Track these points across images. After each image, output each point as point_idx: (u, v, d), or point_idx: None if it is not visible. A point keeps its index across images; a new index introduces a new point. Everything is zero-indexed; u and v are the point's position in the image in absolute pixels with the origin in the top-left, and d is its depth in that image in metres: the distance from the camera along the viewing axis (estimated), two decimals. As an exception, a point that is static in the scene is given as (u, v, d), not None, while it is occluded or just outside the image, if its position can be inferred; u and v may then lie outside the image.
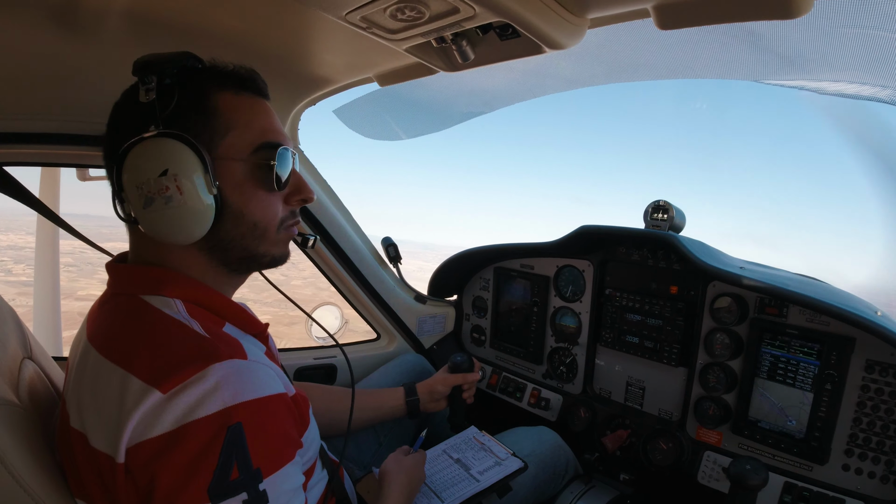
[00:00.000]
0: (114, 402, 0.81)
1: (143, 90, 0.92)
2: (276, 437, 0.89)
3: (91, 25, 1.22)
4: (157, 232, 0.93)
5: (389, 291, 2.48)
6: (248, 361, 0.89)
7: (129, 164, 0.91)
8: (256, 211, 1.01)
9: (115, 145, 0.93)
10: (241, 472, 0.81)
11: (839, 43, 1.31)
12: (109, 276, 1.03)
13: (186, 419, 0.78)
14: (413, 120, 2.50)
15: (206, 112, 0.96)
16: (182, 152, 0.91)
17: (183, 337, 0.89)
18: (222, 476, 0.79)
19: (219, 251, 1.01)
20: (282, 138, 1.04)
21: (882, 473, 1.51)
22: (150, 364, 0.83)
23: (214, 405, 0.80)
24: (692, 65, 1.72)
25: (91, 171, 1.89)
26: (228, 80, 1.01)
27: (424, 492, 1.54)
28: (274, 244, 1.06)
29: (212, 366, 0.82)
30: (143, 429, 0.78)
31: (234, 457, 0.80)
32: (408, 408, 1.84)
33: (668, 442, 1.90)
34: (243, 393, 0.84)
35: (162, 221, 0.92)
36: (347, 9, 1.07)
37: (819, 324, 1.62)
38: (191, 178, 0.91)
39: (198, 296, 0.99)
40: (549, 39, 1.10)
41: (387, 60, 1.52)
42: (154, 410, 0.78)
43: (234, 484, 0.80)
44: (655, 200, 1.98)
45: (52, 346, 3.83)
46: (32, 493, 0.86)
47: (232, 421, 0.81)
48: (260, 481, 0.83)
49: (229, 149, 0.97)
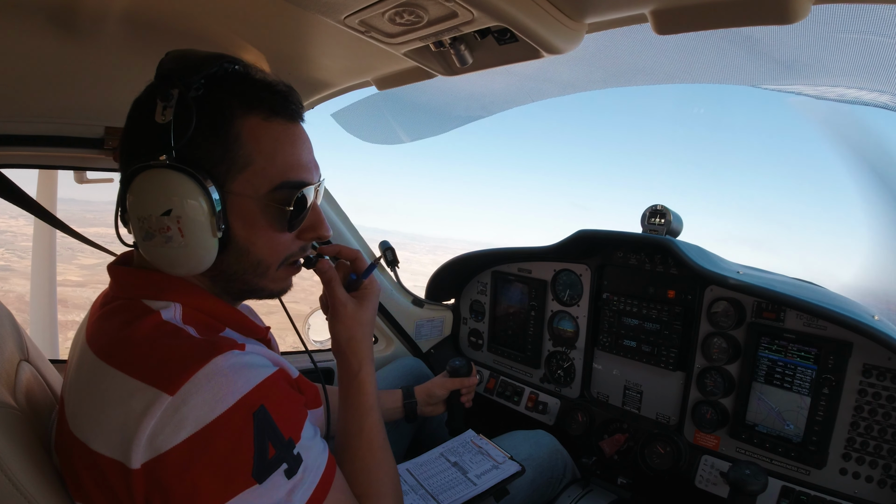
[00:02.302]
0: (116, 406, 0.80)
1: (160, 107, 0.85)
2: (291, 405, 0.91)
3: (89, 29, 1.22)
4: (156, 263, 0.91)
5: (387, 295, 2.48)
6: (246, 351, 0.88)
7: (135, 191, 0.86)
8: (263, 249, 0.97)
9: (125, 158, 0.90)
10: (277, 448, 0.83)
11: (836, 48, 1.31)
12: (111, 279, 1.02)
13: (208, 418, 0.78)
14: (411, 123, 2.50)
15: (226, 140, 0.90)
16: (191, 192, 0.86)
17: (179, 340, 0.87)
18: (261, 458, 0.81)
19: (220, 280, 1.00)
20: (306, 175, 0.99)
21: (879, 477, 1.51)
22: (151, 367, 0.82)
23: (231, 397, 0.80)
24: (690, 70, 1.72)
25: (89, 173, 1.89)
26: (260, 103, 0.93)
27: (422, 495, 1.53)
28: (273, 280, 1.03)
29: (213, 359, 0.81)
30: (163, 437, 0.77)
31: (267, 437, 0.82)
32: (405, 410, 1.83)
33: (665, 446, 1.90)
34: (253, 377, 0.84)
35: (160, 256, 0.89)
36: (346, 13, 1.07)
37: (816, 328, 1.62)
38: (195, 222, 0.87)
39: (198, 302, 0.97)
40: (547, 44, 1.10)
41: (385, 64, 1.53)
42: (168, 416, 0.77)
43: (273, 460, 0.82)
44: (653, 205, 1.99)
45: (49, 348, 3.82)
46: (29, 495, 0.85)
47: (255, 406, 0.82)
48: (293, 448, 0.86)
49: (245, 185, 0.92)
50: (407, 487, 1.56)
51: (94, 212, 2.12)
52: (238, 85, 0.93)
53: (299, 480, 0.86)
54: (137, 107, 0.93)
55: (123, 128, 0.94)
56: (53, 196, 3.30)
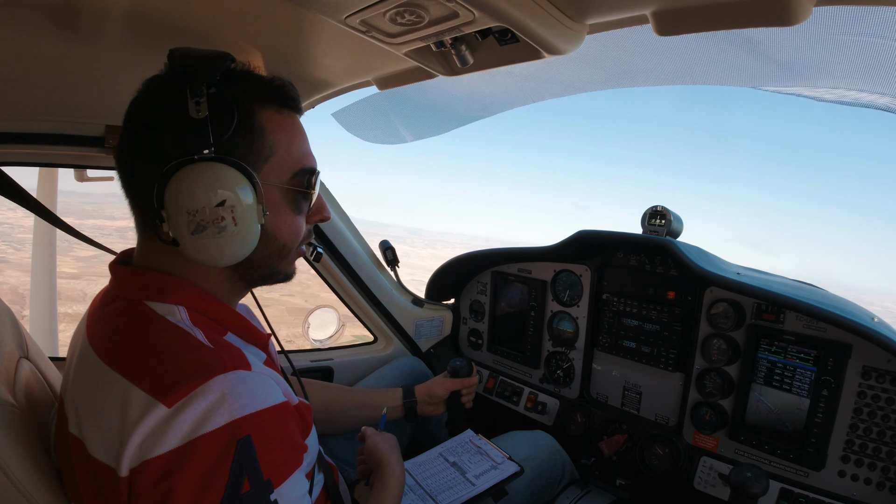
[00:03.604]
0: (115, 412, 0.80)
1: (192, 102, 0.86)
2: (284, 445, 0.88)
3: (90, 27, 1.22)
4: (201, 256, 0.91)
5: (387, 295, 2.48)
6: (252, 372, 0.87)
7: (180, 187, 0.86)
8: (287, 233, 1.02)
9: (153, 155, 0.89)
10: (253, 485, 0.80)
11: (837, 50, 1.31)
12: (113, 278, 1.02)
13: (195, 434, 0.77)
14: (412, 124, 2.50)
15: (252, 133, 0.93)
16: (240, 182, 0.89)
17: (186, 347, 0.87)
18: (234, 490, 0.78)
19: (243, 269, 1.00)
20: (313, 162, 1.04)
21: (878, 480, 1.51)
22: (153, 375, 0.81)
23: (221, 418, 0.79)
24: (691, 71, 1.72)
25: (89, 171, 1.89)
26: (271, 95, 0.97)
27: (420, 495, 1.53)
28: (290, 264, 1.08)
29: (216, 377, 0.81)
30: (150, 445, 0.77)
31: (245, 470, 0.79)
32: (405, 409, 1.84)
33: (664, 447, 1.90)
34: (250, 404, 0.83)
35: (209, 248, 0.90)
36: (347, 12, 1.07)
37: (816, 330, 1.62)
38: (247, 209, 0.90)
39: (201, 305, 0.97)
40: (548, 45, 1.10)
41: (386, 64, 1.53)
42: (160, 426, 0.77)
43: (245, 497, 0.79)
44: (653, 206, 1.99)
45: (49, 346, 3.82)
46: (27, 493, 0.85)
47: (241, 434, 0.80)
48: (271, 492, 0.82)
49: (270, 174, 0.96)
50: (405, 487, 1.56)
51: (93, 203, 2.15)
52: (248, 81, 0.97)
53: None
54: (157, 103, 0.92)
55: (134, 126, 0.93)
56: (54, 193, 3.30)
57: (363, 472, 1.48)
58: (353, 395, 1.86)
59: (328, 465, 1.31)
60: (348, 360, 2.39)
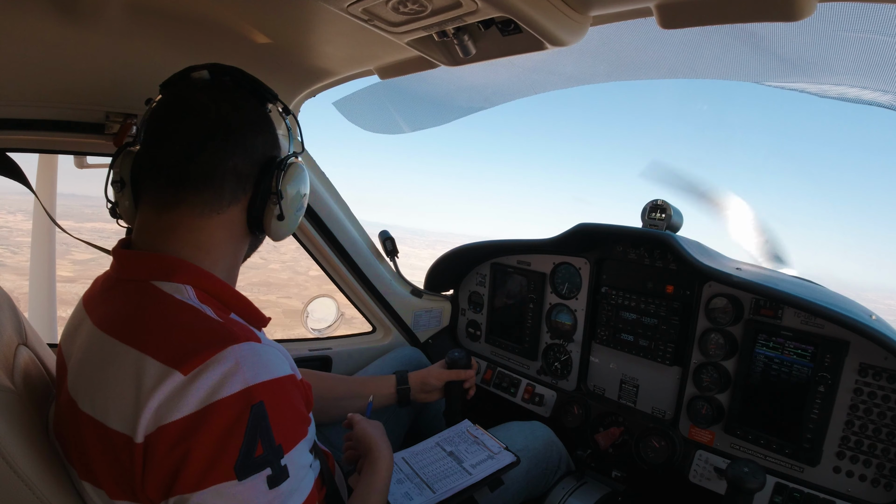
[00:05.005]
0: (130, 382, 0.83)
1: (276, 113, 1.14)
2: (293, 414, 0.93)
3: (91, 14, 1.21)
4: (285, 231, 1.12)
5: (386, 285, 2.49)
6: (262, 344, 0.92)
7: (294, 178, 1.10)
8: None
9: (252, 151, 1.04)
10: (265, 448, 0.84)
11: (840, 46, 1.30)
12: (116, 262, 1.04)
13: (211, 399, 0.81)
14: (413, 113, 2.49)
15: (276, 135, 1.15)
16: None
17: (197, 320, 0.91)
18: (248, 453, 0.82)
19: (252, 249, 1.19)
20: None
21: (873, 476, 1.51)
22: (167, 346, 0.85)
23: (236, 384, 0.83)
24: (693, 65, 1.71)
25: (89, 158, 1.88)
26: (275, 99, 1.14)
27: (417, 483, 1.54)
28: None
29: (230, 346, 0.85)
30: (166, 411, 0.80)
31: (259, 434, 0.83)
32: (398, 396, 1.85)
33: (660, 440, 1.91)
34: (262, 373, 0.86)
35: (292, 223, 1.12)
36: (349, 1, 1.06)
37: (814, 326, 1.63)
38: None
39: (207, 284, 1.00)
40: (551, 36, 1.10)
41: (388, 53, 1.52)
42: (177, 392, 0.80)
43: (258, 460, 0.83)
44: (653, 200, 1.99)
45: (48, 332, 3.82)
46: (25, 477, 0.86)
47: (255, 400, 0.84)
48: (282, 457, 0.86)
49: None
50: (402, 476, 1.57)
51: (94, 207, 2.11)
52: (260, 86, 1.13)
53: (283, 497, 0.86)
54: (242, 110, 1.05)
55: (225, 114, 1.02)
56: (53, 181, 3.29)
57: (350, 457, 1.49)
58: (346, 384, 1.86)
59: (324, 452, 1.31)
60: (347, 350, 2.39)
